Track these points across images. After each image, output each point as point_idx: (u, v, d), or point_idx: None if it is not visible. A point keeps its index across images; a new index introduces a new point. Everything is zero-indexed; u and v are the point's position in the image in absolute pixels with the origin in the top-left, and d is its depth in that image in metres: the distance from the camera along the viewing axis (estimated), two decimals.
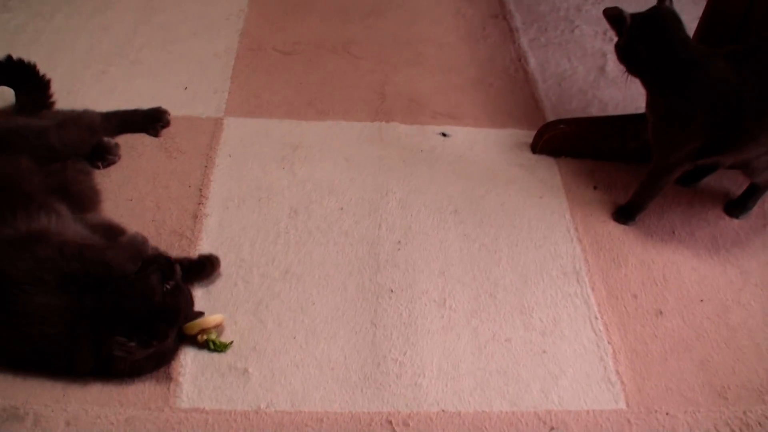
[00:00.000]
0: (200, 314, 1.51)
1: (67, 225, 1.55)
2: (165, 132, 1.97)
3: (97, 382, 1.43)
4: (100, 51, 2.26)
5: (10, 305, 1.38)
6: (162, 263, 1.45)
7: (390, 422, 1.39)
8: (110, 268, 1.46)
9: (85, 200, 1.68)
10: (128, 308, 1.37)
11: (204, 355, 1.47)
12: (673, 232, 1.81)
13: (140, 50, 2.27)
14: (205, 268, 1.61)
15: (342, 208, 1.81)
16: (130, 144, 1.93)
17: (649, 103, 1.71)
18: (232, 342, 1.50)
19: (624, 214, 1.83)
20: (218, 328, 1.51)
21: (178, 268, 1.46)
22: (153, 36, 2.34)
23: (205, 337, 1.49)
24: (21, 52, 1.98)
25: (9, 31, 2.33)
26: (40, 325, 1.38)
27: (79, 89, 2.10)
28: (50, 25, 2.36)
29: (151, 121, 1.97)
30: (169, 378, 1.44)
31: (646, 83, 1.69)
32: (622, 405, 1.45)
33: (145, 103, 2.01)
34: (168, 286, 1.42)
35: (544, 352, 1.53)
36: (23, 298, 1.37)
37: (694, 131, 1.64)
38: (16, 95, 1.95)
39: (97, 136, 1.85)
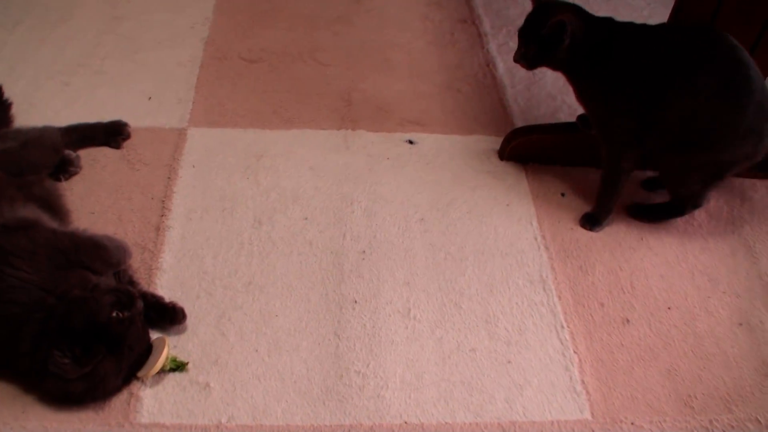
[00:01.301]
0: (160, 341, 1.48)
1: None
2: (128, 143, 1.94)
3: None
4: (64, 62, 2.23)
5: None
6: (122, 292, 1.43)
7: None
8: (104, 251, 1.50)
9: (60, 212, 1.67)
10: (71, 321, 1.35)
11: None
12: (642, 239, 1.80)
13: (104, 60, 2.24)
14: (168, 316, 1.55)
15: (306, 218, 1.79)
16: (92, 156, 1.90)
17: (579, 91, 1.74)
18: (188, 363, 1.47)
19: (590, 220, 1.82)
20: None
21: (139, 303, 1.44)
22: (117, 46, 2.31)
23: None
24: None
25: None
26: (7, 303, 1.37)
27: (41, 101, 2.07)
28: (13, 37, 2.34)
29: (112, 135, 1.94)
30: (129, 393, 1.42)
31: (571, 71, 1.72)
32: (587, 415, 1.44)
33: (108, 114, 1.99)
34: (120, 315, 1.39)
35: (509, 362, 1.52)
36: (6, 271, 1.37)
37: (625, 107, 1.67)
38: None
39: (60, 154, 1.82)
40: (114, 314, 1.38)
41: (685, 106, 1.62)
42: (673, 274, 1.73)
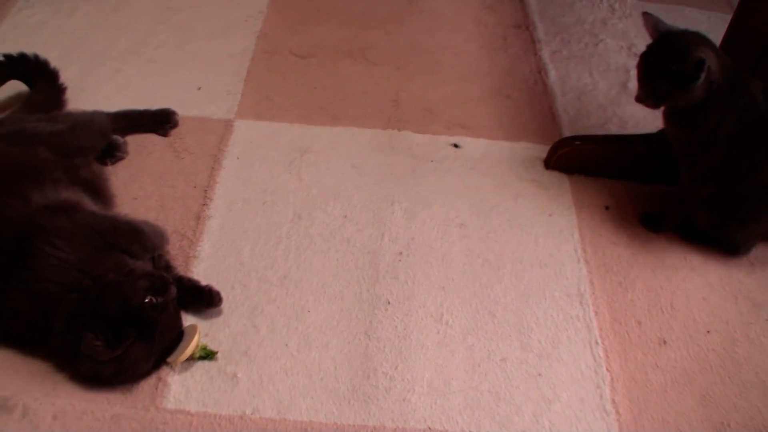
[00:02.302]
0: (192, 329, 1.49)
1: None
2: (175, 132, 1.97)
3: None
4: (117, 49, 2.27)
5: (30, 255, 1.40)
6: (156, 278, 1.45)
7: None
8: (142, 235, 1.53)
9: (104, 196, 1.70)
10: (105, 304, 1.37)
11: None
12: (685, 258, 1.75)
13: (156, 49, 2.27)
14: (204, 299, 1.57)
15: (346, 216, 1.78)
16: (139, 143, 1.93)
17: (678, 119, 1.66)
18: (217, 352, 1.48)
19: (652, 220, 1.80)
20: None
21: (173, 289, 1.45)
22: (170, 35, 2.34)
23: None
24: (40, 47, 2.01)
25: (30, 26, 2.35)
26: (45, 281, 1.39)
27: (93, 86, 2.10)
28: (70, 22, 2.38)
29: (160, 122, 1.97)
30: (157, 378, 1.44)
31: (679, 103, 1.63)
32: None
33: (157, 102, 2.01)
34: (154, 300, 1.41)
35: (540, 375, 1.49)
36: (46, 250, 1.40)
37: (723, 150, 1.61)
38: (30, 91, 1.97)
39: (108, 139, 1.86)
40: (147, 299, 1.40)
41: None
42: (715, 296, 1.68)
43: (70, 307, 1.38)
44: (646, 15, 1.64)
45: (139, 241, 1.55)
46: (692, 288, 1.69)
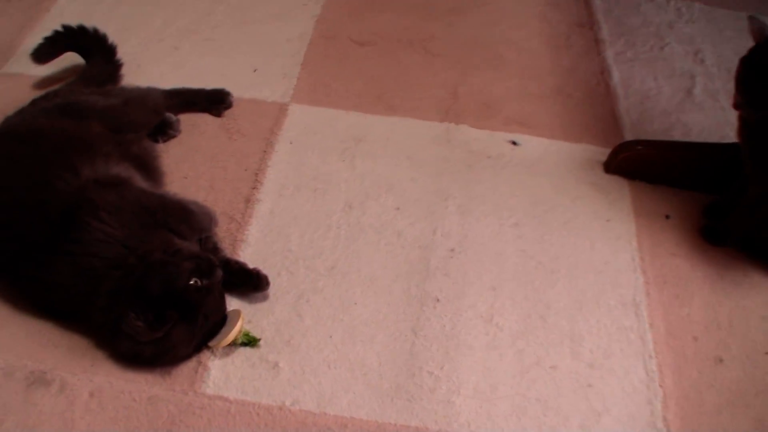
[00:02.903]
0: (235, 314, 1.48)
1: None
2: (228, 113, 1.95)
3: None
4: (175, 27, 2.26)
5: (77, 228, 1.40)
6: (203, 260, 1.44)
7: None
8: (191, 215, 1.53)
9: (155, 174, 1.69)
10: (149, 284, 1.35)
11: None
12: (746, 275, 1.68)
13: (214, 29, 2.26)
14: (252, 282, 1.55)
15: (398, 208, 1.75)
16: (192, 121, 1.92)
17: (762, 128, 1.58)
18: (260, 339, 1.47)
19: (714, 233, 1.73)
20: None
21: (219, 272, 1.44)
22: (228, 15, 2.32)
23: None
24: (98, 21, 2.01)
25: (88, 1, 2.34)
26: (90, 256, 1.39)
27: (149, 63, 2.10)
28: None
29: (215, 102, 1.95)
30: (198, 361, 1.43)
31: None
32: None
33: (213, 82, 2.00)
34: (199, 283, 1.39)
35: (590, 385, 1.45)
36: (93, 224, 1.40)
37: None
38: (86, 65, 1.97)
39: (161, 116, 1.85)
40: (192, 281, 1.38)
41: None
42: None
43: (113, 284, 1.38)
44: (751, 19, 1.56)
45: (188, 221, 1.54)
46: (752, 306, 1.63)
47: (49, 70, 2.00)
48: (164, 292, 1.36)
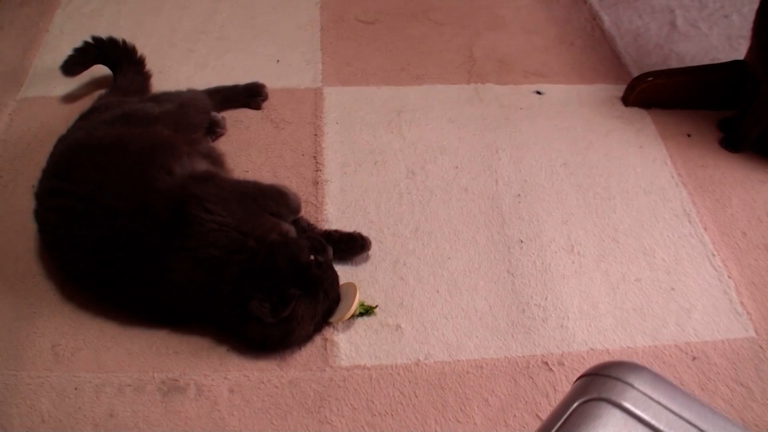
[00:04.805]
0: (349, 287, 1.52)
1: None
2: (267, 104, 2.00)
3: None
4: (183, 30, 2.26)
5: (187, 223, 1.41)
6: (313, 239, 1.49)
7: (546, 363, 1.46)
8: (286, 197, 1.57)
9: (224, 169, 1.72)
10: (275, 263, 1.39)
11: None
12: None
13: (223, 26, 2.28)
14: (359, 244, 1.62)
15: (457, 167, 1.86)
16: (234, 117, 1.96)
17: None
18: (376, 306, 1.53)
19: (732, 142, 1.95)
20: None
21: (330, 249, 1.49)
22: (233, 12, 2.34)
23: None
24: (102, 34, 1.97)
25: (86, 16, 2.32)
26: (207, 246, 1.41)
27: (170, 68, 2.11)
28: (126, 8, 2.36)
29: (252, 96, 1.99)
30: (323, 339, 1.47)
31: None
32: (752, 333, 1.54)
33: (239, 78, 2.04)
34: (318, 259, 1.44)
35: (673, 289, 1.62)
36: (203, 216, 1.42)
37: None
38: (116, 77, 1.95)
39: (209, 115, 1.87)
40: (312, 258, 1.43)
41: None
42: None
43: (238, 268, 1.40)
44: None
45: (286, 203, 1.59)
46: None
47: (68, 88, 1.99)
48: (289, 270, 1.39)
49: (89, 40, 1.92)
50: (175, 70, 2.09)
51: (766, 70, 1.82)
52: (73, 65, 1.90)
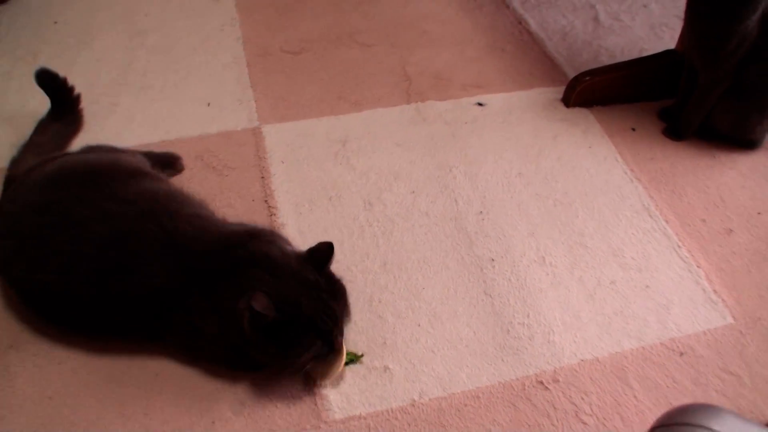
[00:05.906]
0: None
1: None
2: (206, 150, 1.89)
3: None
4: (101, 84, 2.11)
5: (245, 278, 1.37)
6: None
7: (541, 382, 1.43)
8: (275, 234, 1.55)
9: None
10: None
11: None
12: (714, 157, 1.95)
13: (144, 75, 2.14)
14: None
15: (413, 192, 1.81)
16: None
17: (704, 28, 1.80)
18: (362, 355, 1.47)
19: (675, 131, 1.98)
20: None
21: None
22: (152, 59, 2.21)
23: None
24: (16, 98, 1.88)
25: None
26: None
27: (96, 126, 1.95)
28: (37, 66, 2.10)
29: (165, 167, 1.80)
30: (311, 394, 1.40)
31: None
32: (730, 320, 1.56)
33: (171, 127, 1.95)
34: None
35: (647, 286, 1.62)
36: (259, 276, 1.36)
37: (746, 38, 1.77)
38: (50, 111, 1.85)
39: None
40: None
41: None
42: (751, 183, 1.88)
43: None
44: None
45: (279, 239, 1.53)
46: (730, 180, 1.89)
47: None
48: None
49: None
50: (102, 128, 1.94)
51: (703, 58, 1.84)
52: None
